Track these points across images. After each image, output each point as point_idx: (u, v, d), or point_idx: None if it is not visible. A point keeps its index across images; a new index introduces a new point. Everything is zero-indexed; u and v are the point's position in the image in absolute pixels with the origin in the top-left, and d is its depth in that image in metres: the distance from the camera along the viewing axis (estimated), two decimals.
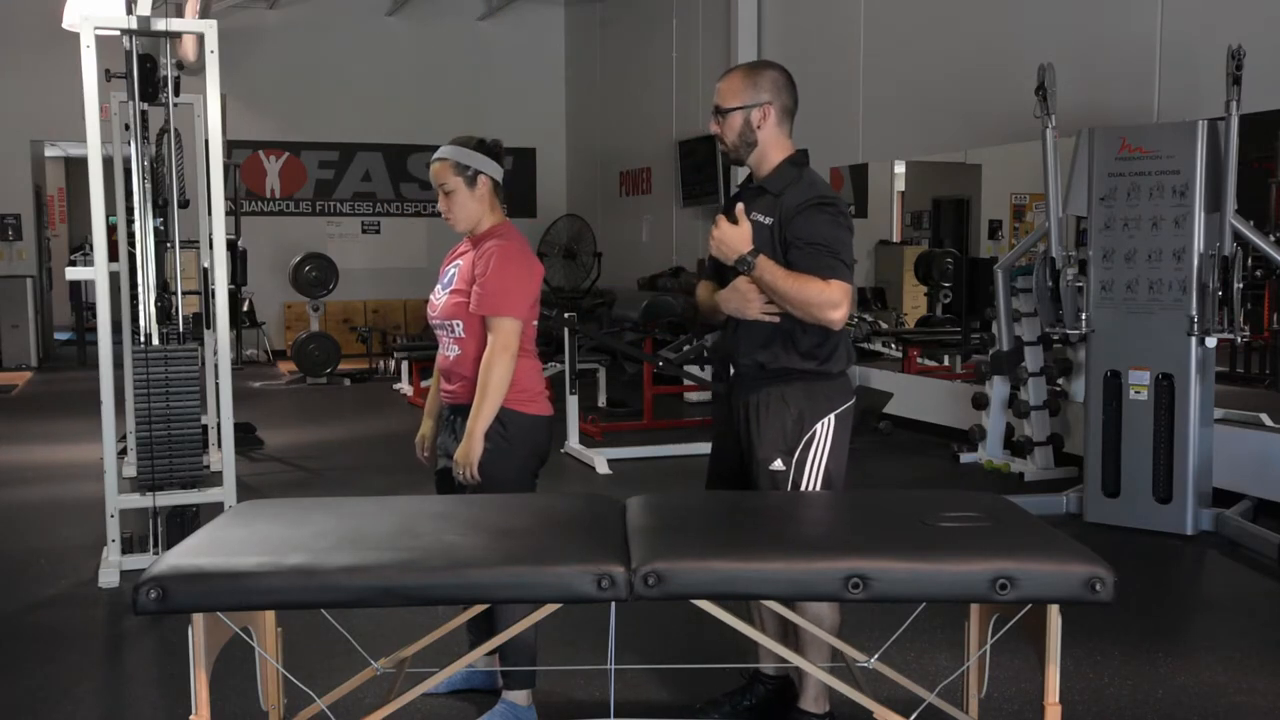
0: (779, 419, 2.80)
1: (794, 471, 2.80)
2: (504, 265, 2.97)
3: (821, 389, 2.82)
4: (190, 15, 7.33)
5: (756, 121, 2.81)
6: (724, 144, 2.88)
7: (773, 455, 2.79)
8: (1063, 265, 5.39)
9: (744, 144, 2.84)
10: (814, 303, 2.66)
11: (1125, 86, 6.12)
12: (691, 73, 10.88)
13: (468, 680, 3.24)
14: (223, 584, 2.14)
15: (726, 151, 2.89)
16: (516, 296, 2.97)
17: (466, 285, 3.02)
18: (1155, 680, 3.40)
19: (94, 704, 3.31)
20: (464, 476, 2.95)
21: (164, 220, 4.84)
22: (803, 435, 2.79)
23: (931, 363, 9.15)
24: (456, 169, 3.02)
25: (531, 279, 3.05)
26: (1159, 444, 5.10)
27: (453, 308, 3.04)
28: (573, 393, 7.02)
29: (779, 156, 2.85)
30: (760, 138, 2.82)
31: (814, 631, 2.75)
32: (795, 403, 2.80)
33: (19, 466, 6.85)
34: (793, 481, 2.80)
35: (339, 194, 13.77)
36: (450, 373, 3.09)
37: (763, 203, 2.82)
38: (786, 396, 2.80)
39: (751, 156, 2.86)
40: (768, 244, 2.76)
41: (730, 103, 2.82)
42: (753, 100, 2.81)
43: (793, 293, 2.67)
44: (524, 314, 2.98)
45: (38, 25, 10.83)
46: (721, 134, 2.86)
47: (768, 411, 2.81)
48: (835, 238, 2.71)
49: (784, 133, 2.86)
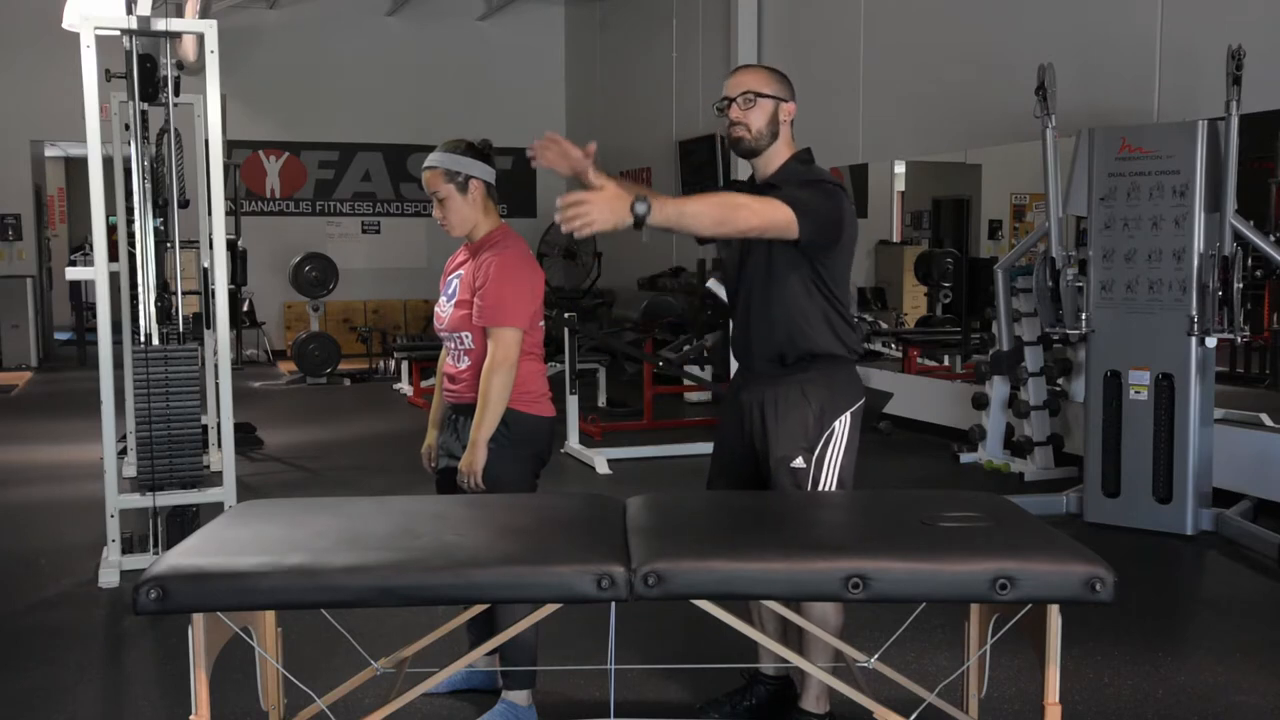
0: (800, 415, 2.79)
1: (814, 469, 2.79)
2: (502, 276, 2.98)
3: (842, 381, 2.83)
4: (190, 15, 7.34)
5: (784, 115, 2.83)
6: (747, 132, 2.80)
7: (794, 452, 2.79)
8: (1063, 265, 5.39)
9: (769, 134, 2.82)
10: (731, 207, 2.61)
11: (1125, 86, 6.12)
12: (691, 73, 10.88)
13: (468, 680, 3.24)
14: (223, 584, 2.14)
15: (743, 139, 2.82)
16: (516, 307, 2.97)
17: (469, 295, 3.02)
18: (1155, 680, 3.40)
19: (94, 704, 3.31)
20: (469, 485, 2.96)
21: (164, 220, 4.84)
22: (823, 431, 2.79)
23: (931, 363, 9.15)
24: (447, 176, 3.02)
25: (532, 286, 3.05)
26: (1159, 444, 5.10)
27: (458, 320, 3.05)
28: (573, 393, 7.01)
29: (787, 153, 2.86)
30: (782, 133, 2.84)
31: (816, 633, 2.75)
32: (816, 399, 2.80)
33: (19, 466, 6.85)
34: (812, 479, 2.80)
35: (339, 194, 13.77)
36: (457, 376, 3.10)
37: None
38: (807, 392, 2.80)
39: (766, 151, 2.84)
40: (767, 245, 2.75)
41: (766, 89, 2.81)
42: (784, 94, 2.84)
43: (711, 208, 2.58)
44: (524, 323, 2.98)
45: (38, 25, 10.82)
46: (745, 120, 2.80)
47: (788, 407, 2.80)
48: (814, 201, 2.66)
49: (793, 134, 2.89)
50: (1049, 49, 6.12)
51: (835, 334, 2.81)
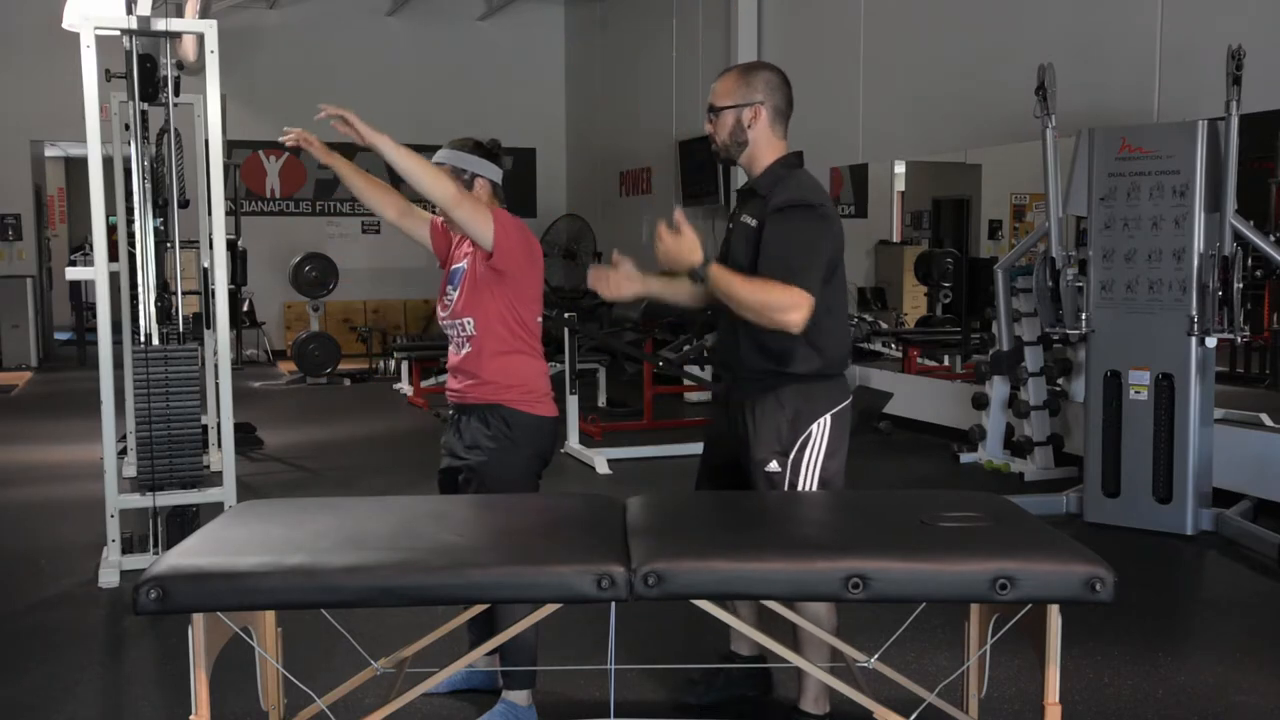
0: (774, 420, 2.80)
1: (789, 473, 2.80)
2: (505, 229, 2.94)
3: (819, 390, 2.82)
4: (190, 15, 7.34)
5: (748, 121, 2.81)
6: (715, 143, 2.88)
7: (768, 456, 2.80)
8: (1063, 265, 5.39)
9: (735, 143, 2.84)
10: (770, 307, 2.62)
11: (1125, 86, 6.12)
12: (691, 73, 10.88)
13: (468, 680, 3.24)
14: (223, 584, 2.14)
15: (718, 151, 2.89)
16: (504, 221, 2.93)
17: (476, 269, 3.00)
18: (1155, 680, 3.40)
19: (94, 704, 3.31)
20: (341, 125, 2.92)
21: (164, 220, 4.84)
22: (798, 436, 2.79)
23: (931, 363, 9.15)
24: (453, 173, 3.03)
25: (530, 243, 3.01)
26: (1159, 444, 5.10)
27: (464, 305, 3.02)
28: (573, 393, 7.01)
29: (771, 157, 2.84)
30: (751, 137, 2.82)
31: (814, 631, 2.75)
32: (791, 404, 2.80)
33: (19, 466, 6.85)
34: (789, 483, 2.80)
35: (339, 194, 13.75)
36: (459, 370, 3.08)
37: (753, 205, 2.81)
38: (782, 398, 2.80)
39: (743, 157, 2.86)
40: (751, 246, 2.75)
41: (723, 101, 2.83)
42: (745, 99, 2.81)
43: (748, 298, 2.64)
44: (509, 225, 2.92)
45: (38, 25, 10.82)
46: (714, 133, 2.86)
47: (764, 412, 2.81)
48: (805, 243, 2.68)
49: (777, 134, 2.85)
50: (1049, 49, 6.12)
51: (813, 345, 2.76)
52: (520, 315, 3.02)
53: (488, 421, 3.00)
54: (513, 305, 3.01)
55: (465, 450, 3.03)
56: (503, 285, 2.99)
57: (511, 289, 3.00)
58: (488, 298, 3.00)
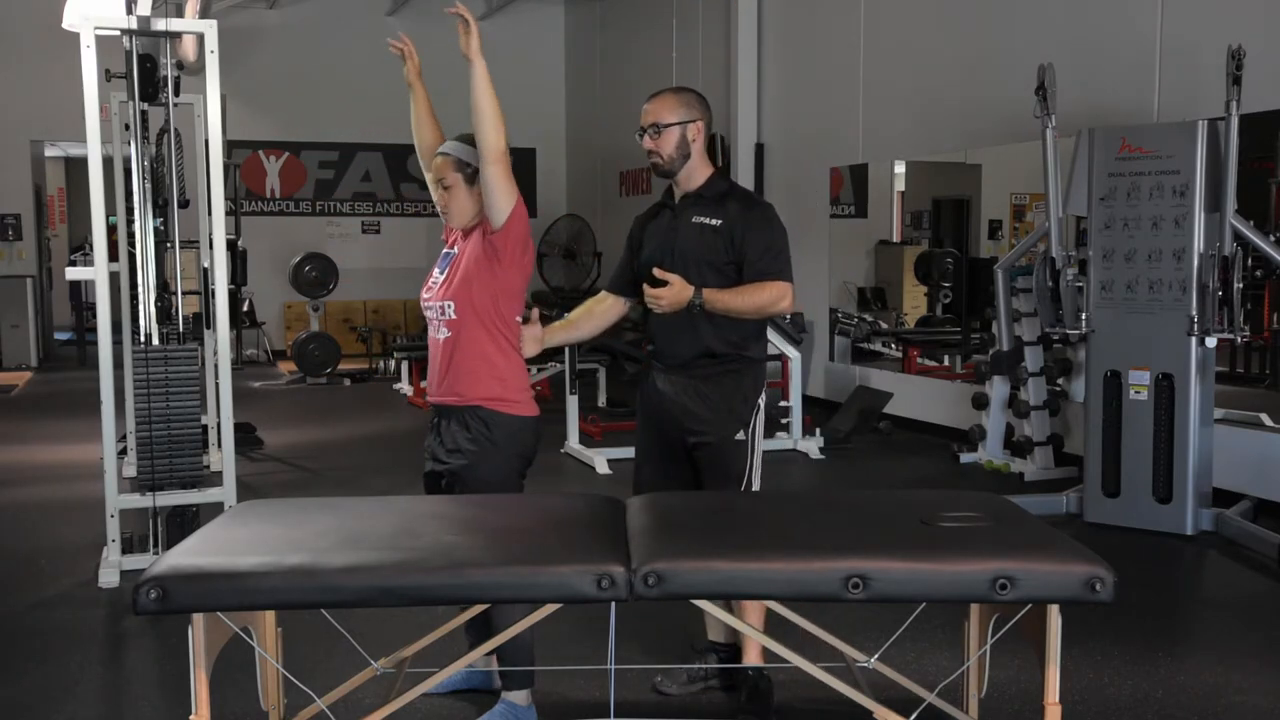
0: (736, 397, 3.08)
1: (751, 440, 3.10)
2: (519, 213, 3.01)
3: (762, 369, 3.21)
4: (190, 15, 7.32)
5: (692, 136, 3.10)
6: (660, 158, 3.12)
7: (735, 428, 3.08)
8: (1063, 265, 5.39)
9: (680, 156, 3.10)
10: (766, 304, 3.03)
11: (1125, 86, 6.12)
12: (691, 73, 10.87)
13: (467, 680, 3.24)
14: (223, 584, 2.14)
15: (658, 165, 3.14)
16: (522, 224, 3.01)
17: (466, 256, 3.01)
18: (1155, 680, 3.40)
19: (94, 704, 3.31)
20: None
21: (164, 220, 4.84)
22: (752, 408, 3.11)
23: (931, 363, 9.14)
24: (457, 165, 3.05)
25: (528, 240, 3.06)
26: (1159, 444, 5.10)
27: (448, 289, 3.02)
28: (573, 393, 7.01)
29: (707, 169, 3.14)
30: (694, 151, 3.11)
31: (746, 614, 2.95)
32: (748, 382, 3.12)
33: (19, 466, 6.85)
34: (750, 449, 3.10)
35: (339, 194, 13.77)
36: (437, 367, 3.06)
37: (703, 207, 3.10)
38: (741, 378, 3.10)
39: (683, 170, 3.12)
40: (723, 241, 3.03)
41: (668, 119, 3.10)
42: (688, 117, 3.11)
43: (745, 305, 3.02)
44: (523, 226, 3.01)
45: (38, 25, 10.81)
46: (657, 149, 3.12)
47: (726, 392, 3.08)
48: (780, 242, 3.08)
49: (705, 149, 3.14)
50: (1049, 49, 6.12)
51: (760, 333, 3.17)
52: (501, 309, 3.01)
53: (468, 424, 2.99)
54: (495, 299, 3.00)
55: (447, 454, 3.01)
56: (491, 273, 2.98)
57: (499, 279, 2.99)
58: (474, 286, 2.99)
